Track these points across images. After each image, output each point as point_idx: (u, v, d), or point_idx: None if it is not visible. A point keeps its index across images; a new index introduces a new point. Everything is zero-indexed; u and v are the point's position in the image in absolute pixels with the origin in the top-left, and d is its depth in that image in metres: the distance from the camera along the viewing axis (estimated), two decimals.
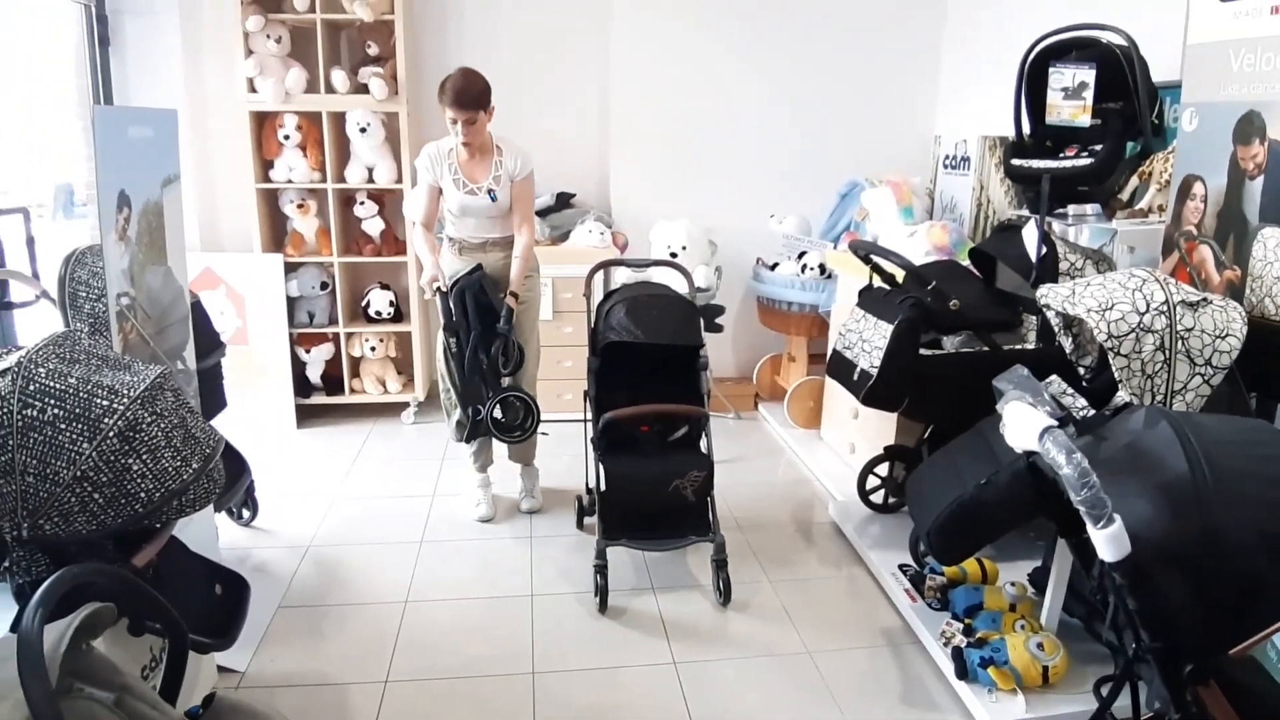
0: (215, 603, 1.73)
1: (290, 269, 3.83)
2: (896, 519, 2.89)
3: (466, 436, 2.90)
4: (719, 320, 3.77)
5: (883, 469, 2.94)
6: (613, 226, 4.03)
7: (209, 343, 2.52)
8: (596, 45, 4.04)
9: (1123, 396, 1.93)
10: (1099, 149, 2.65)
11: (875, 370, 2.46)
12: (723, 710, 2.07)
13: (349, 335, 3.94)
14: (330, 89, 3.66)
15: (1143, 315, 1.90)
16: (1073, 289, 2.04)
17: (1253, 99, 2.08)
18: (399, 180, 3.78)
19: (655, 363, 2.64)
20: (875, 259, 2.72)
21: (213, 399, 2.52)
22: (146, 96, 3.67)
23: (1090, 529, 1.34)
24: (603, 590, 2.45)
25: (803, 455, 3.61)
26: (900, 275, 2.64)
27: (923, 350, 2.52)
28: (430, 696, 2.10)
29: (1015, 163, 2.89)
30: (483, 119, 2.69)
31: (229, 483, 2.07)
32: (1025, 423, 1.50)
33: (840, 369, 2.65)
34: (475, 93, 2.64)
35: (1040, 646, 1.99)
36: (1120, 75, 2.57)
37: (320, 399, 3.98)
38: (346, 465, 3.50)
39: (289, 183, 3.75)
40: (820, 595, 2.58)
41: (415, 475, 3.40)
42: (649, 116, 4.05)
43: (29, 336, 2.20)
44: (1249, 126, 2.10)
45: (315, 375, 3.99)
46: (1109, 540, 1.33)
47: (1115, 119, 2.64)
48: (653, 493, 2.51)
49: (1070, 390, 1.92)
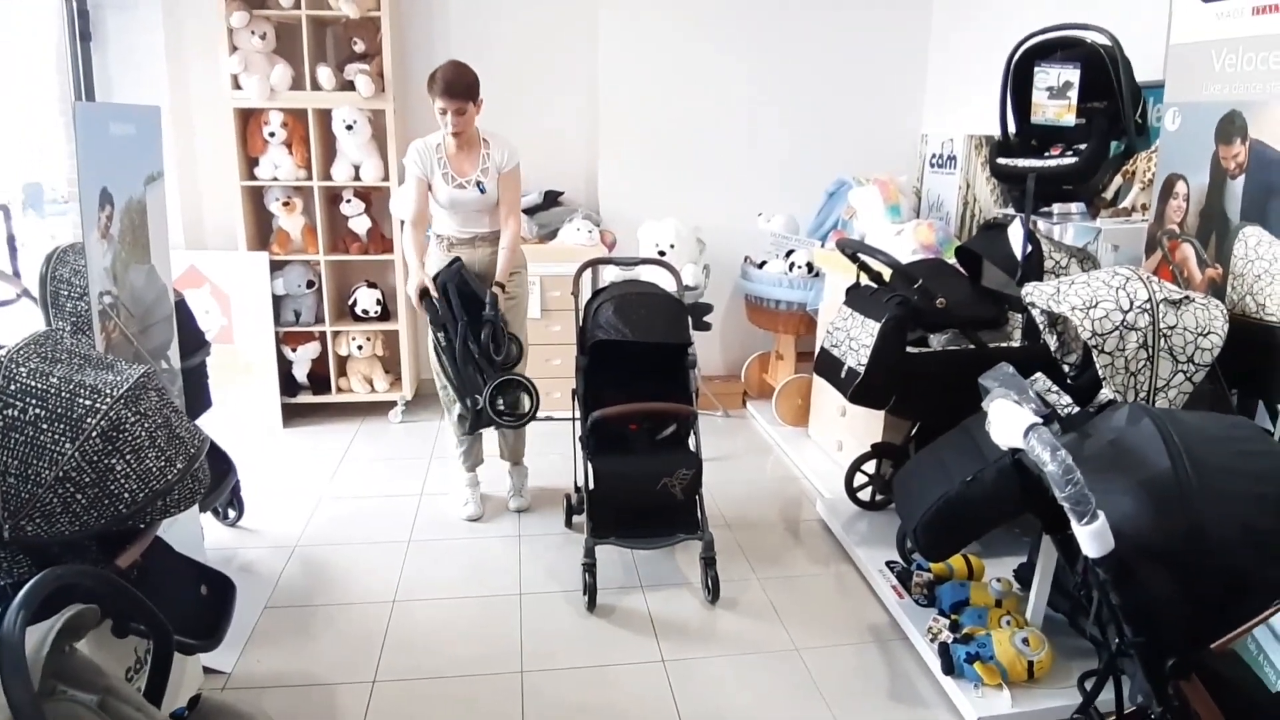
0: (201, 603, 1.71)
1: (276, 267, 3.80)
2: (884, 516, 2.90)
3: (470, 428, 2.87)
4: (707, 318, 3.78)
5: (870, 466, 2.96)
6: (601, 225, 4.02)
7: (193, 341, 2.50)
8: (585, 43, 4.03)
9: (1106, 394, 1.95)
10: (1083, 148, 2.67)
11: (862, 368, 2.48)
12: (711, 707, 2.07)
13: (335, 334, 3.92)
14: (316, 86, 3.63)
15: (1126, 313, 1.92)
16: (1057, 287, 2.05)
17: (1234, 99, 2.10)
18: (386, 178, 3.76)
19: (643, 361, 2.64)
20: (862, 257, 2.73)
21: (198, 398, 2.50)
22: (129, 93, 3.63)
23: (1074, 525, 1.36)
24: (591, 589, 2.45)
25: (791, 453, 3.63)
26: (887, 273, 2.65)
27: (909, 348, 2.54)
28: (418, 696, 2.09)
29: (1001, 161, 2.91)
30: (472, 110, 2.70)
31: (214, 483, 2.05)
32: (1010, 420, 1.51)
33: (828, 367, 2.67)
34: (466, 83, 2.65)
35: (1025, 642, 2.01)
36: (1104, 75, 2.59)
37: (307, 398, 3.96)
38: (333, 465, 3.48)
39: (274, 180, 3.72)
40: (808, 592, 2.59)
41: (403, 474, 3.38)
42: (637, 115, 4.05)
43: (10, 336, 2.17)
44: (1230, 126, 2.12)
45: (301, 374, 3.96)
46: (1092, 536, 1.34)
47: (1099, 118, 2.67)
48: (641, 491, 2.51)
49: (1055, 388, 1.94)
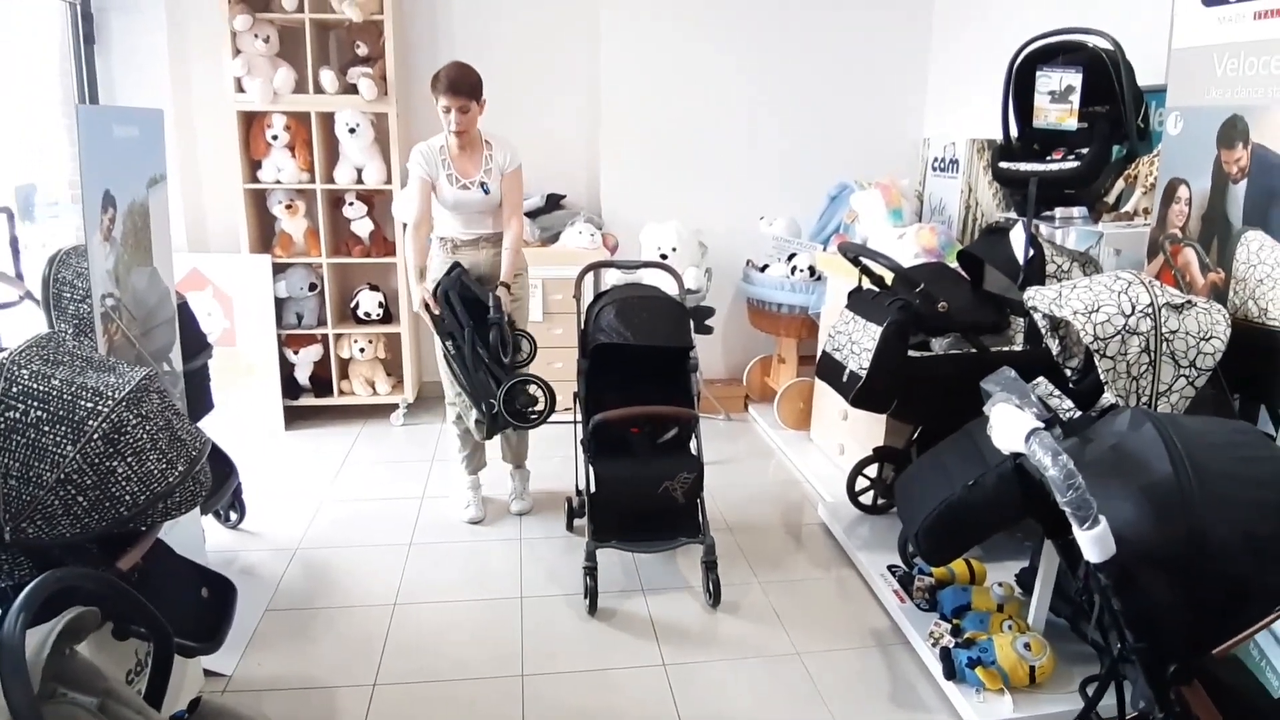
0: (201, 606, 1.71)
1: (278, 270, 3.81)
2: (885, 520, 2.90)
3: (488, 433, 2.85)
4: (709, 322, 3.78)
5: (872, 470, 2.95)
6: (603, 228, 4.02)
7: (196, 344, 2.50)
8: (586, 46, 4.04)
9: (1109, 398, 1.94)
10: (1085, 152, 2.68)
11: (864, 372, 2.47)
12: (712, 711, 2.07)
13: (338, 336, 3.92)
14: (319, 89, 3.64)
15: (1128, 317, 1.92)
16: (1059, 291, 2.05)
17: (1236, 103, 2.10)
18: (388, 181, 3.76)
19: (645, 364, 2.64)
20: (864, 261, 2.73)
21: (199, 401, 2.50)
22: (132, 95, 3.64)
23: (1076, 530, 1.35)
24: (592, 592, 2.44)
25: (792, 456, 3.62)
26: (889, 277, 2.65)
27: (911, 352, 2.53)
28: (419, 699, 2.09)
29: (1003, 165, 2.91)
30: (475, 110, 2.71)
31: (216, 485, 2.05)
32: (1012, 424, 1.51)
33: (829, 370, 2.66)
34: (469, 82, 2.67)
35: (1027, 646, 2.00)
36: (1106, 79, 2.59)
37: (309, 400, 3.96)
38: (335, 467, 3.48)
39: (277, 183, 3.73)
40: (810, 596, 2.59)
41: (404, 477, 3.38)
42: (639, 118, 4.05)
43: (12, 338, 2.18)
44: (1232, 130, 2.12)
45: (303, 377, 3.97)
46: (1094, 541, 1.34)
47: (1101, 122, 2.67)
48: (643, 494, 2.51)
49: (1057, 392, 1.94)
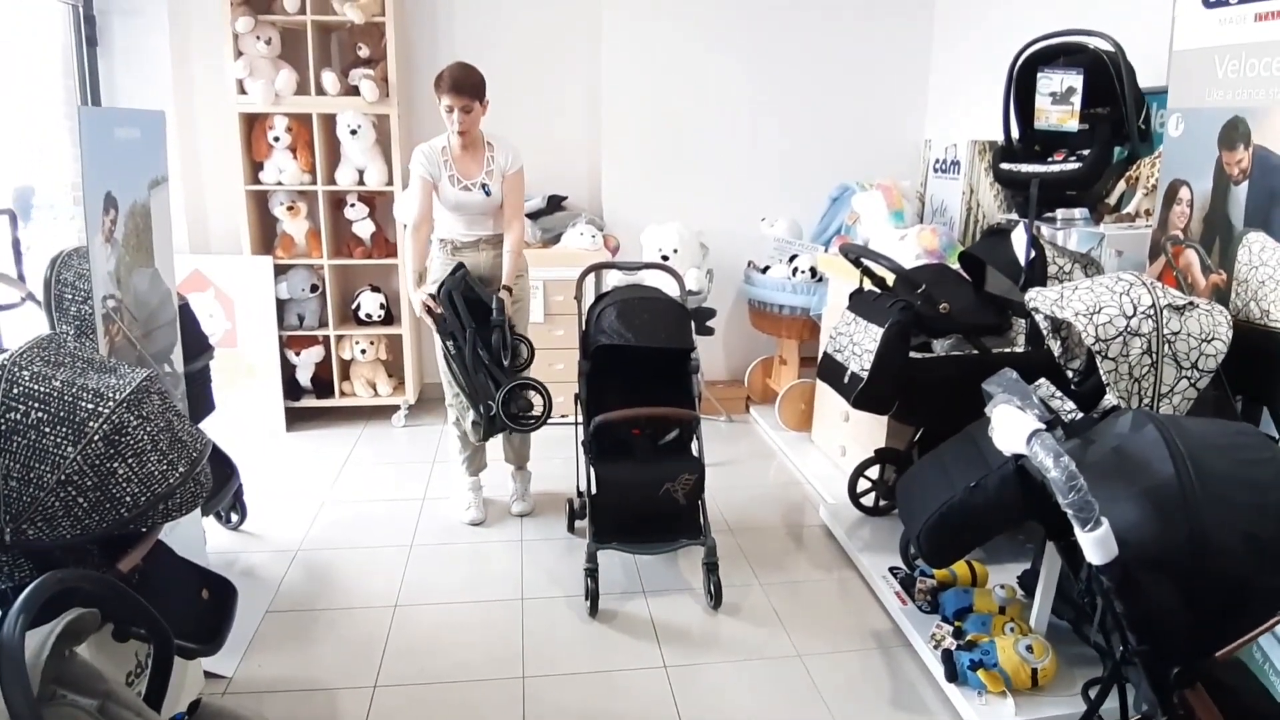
0: (202, 607, 1.71)
1: (280, 271, 3.81)
2: (887, 522, 2.89)
3: (484, 435, 2.85)
4: (710, 323, 3.78)
5: (873, 472, 2.95)
6: (604, 229, 4.02)
7: (197, 345, 2.50)
8: (588, 48, 4.04)
9: (1110, 400, 1.94)
10: (1087, 154, 2.67)
11: (866, 373, 2.47)
12: (714, 713, 2.06)
13: (339, 338, 3.92)
14: (320, 91, 3.65)
15: (1130, 319, 1.91)
16: (1061, 293, 2.05)
17: (1237, 105, 2.09)
18: (390, 182, 3.77)
19: (646, 366, 2.64)
20: (866, 262, 2.73)
21: (201, 402, 2.50)
22: (135, 97, 3.65)
23: (1077, 532, 1.35)
24: (593, 594, 2.44)
25: (793, 458, 3.62)
26: (890, 279, 2.65)
27: (913, 353, 2.53)
28: (419, 701, 2.09)
29: (1004, 167, 2.91)
30: (478, 110, 2.72)
31: (216, 486, 2.06)
32: (1014, 426, 1.51)
33: (831, 372, 2.66)
34: (473, 82, 2.68)
35: (1029, 649, 2.00)
36: (1107, 81, 2.59)
37: (310, 402, 3.96)
38: (336, 469, 3.48)
39: (279, 185, 3.74)
40: (811, 598, 2.58)
41: (405, 479, 3.38)
42: (641, 120, 4.06)
43: (14, 339, 2.18)
44: (1234, 132, 2.11)
45: (305, 378, 3.97)
46: (1096, 543, 1.33)
47: (1103, 124, 2.67)
48: (644, 496, 2.51)
49: (1058, 393, 1.93)
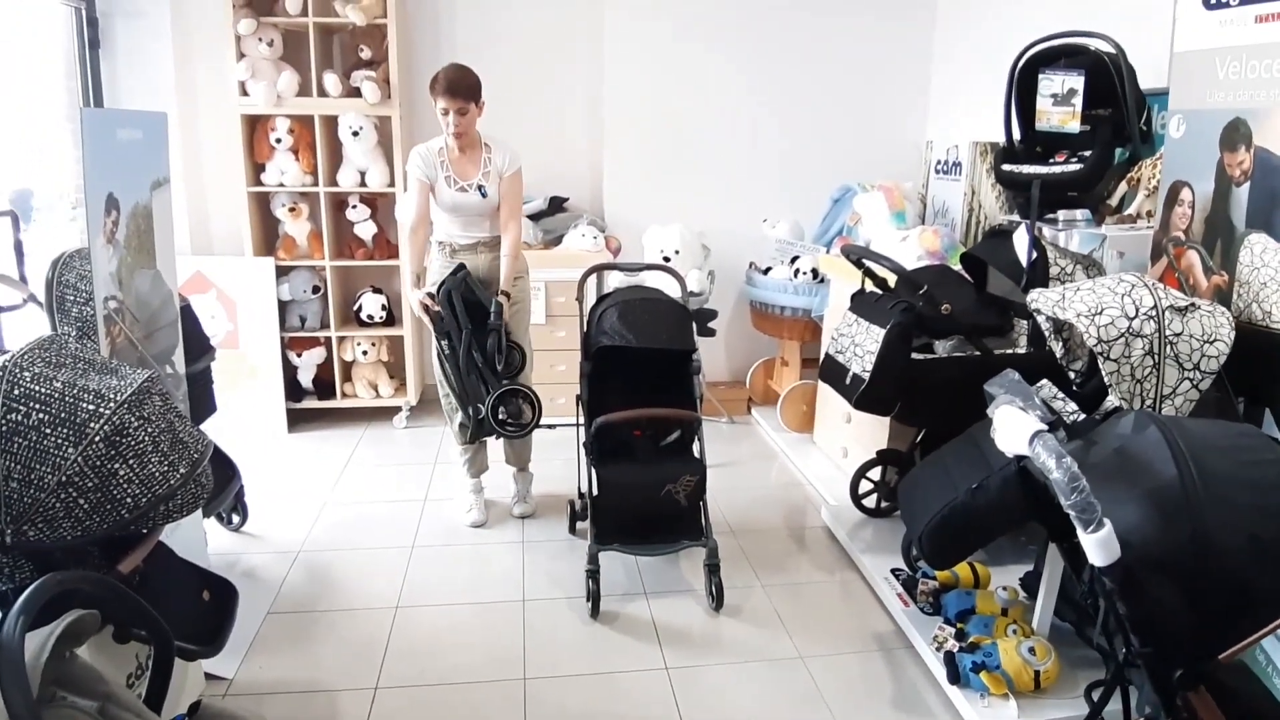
0: (203, 609, 1.71)
1: (282, 273, 3.81)
2: (889, 523, 2.89)
3: (470, 437, 2.86)
4: (712, 324, 3.78)
5: (875, 473, 2.94)
6: (606, 230, 4.02)
7: (199, 347, 2.51)
8: (590, 50, 4.05)
9: (1112, 401, 1.93)
10: (1088, 155, 2.67)
11: (867, 374, 2.47)
12: (715, 715, 2.06)
13: (341, 339, 3.93)
14: (322, 92, 3.65)
15: (1132, 320, 1.91)
16: (1063, 294, 2.04)
17: (1239, 106, 2.09)
18: (391, 184, 3.77)
19: (648, 367, 2.63)
20: (868, 263, 2.73)
21: (202, 403, 2.50)
22: (137, 99, 3.65)
23: (1080, 534, 1.35)
24: (595, 595, 2.44)
25: (795, 459, 3.61)
26: (892, 280, 2.64)
27: (914, 355, 2.53)
28: (421, 703, 2.09)
29: (1006, 168, 2.91)
30: (474, 111, 2.72)
31: (218, 488, 2.06)
32: (1016, 427, 1.51)
33: (832, 373, 2.66)
34: (468, 84, 2.68)
35: (1032, 651, 1.99)
36: (1109, 82, 2.59)
37: (311, 403, 3.96)
38: (337, 470, 3.48)
39: (281, 186, 3.74)
40: (813, 600, 2.58)
41: (407, 480, 3.38)
42: (642, 121, 4.06)
43: (16, 341, 2.19)
44: (1235, 133, 2.11)
45: (306, 379, 3.97)
46: (1098, 545, 1.33)
47: (1104, 125, 2.66)
48: (645, 497, 2.51)
49: (1060, 394, 1.93)
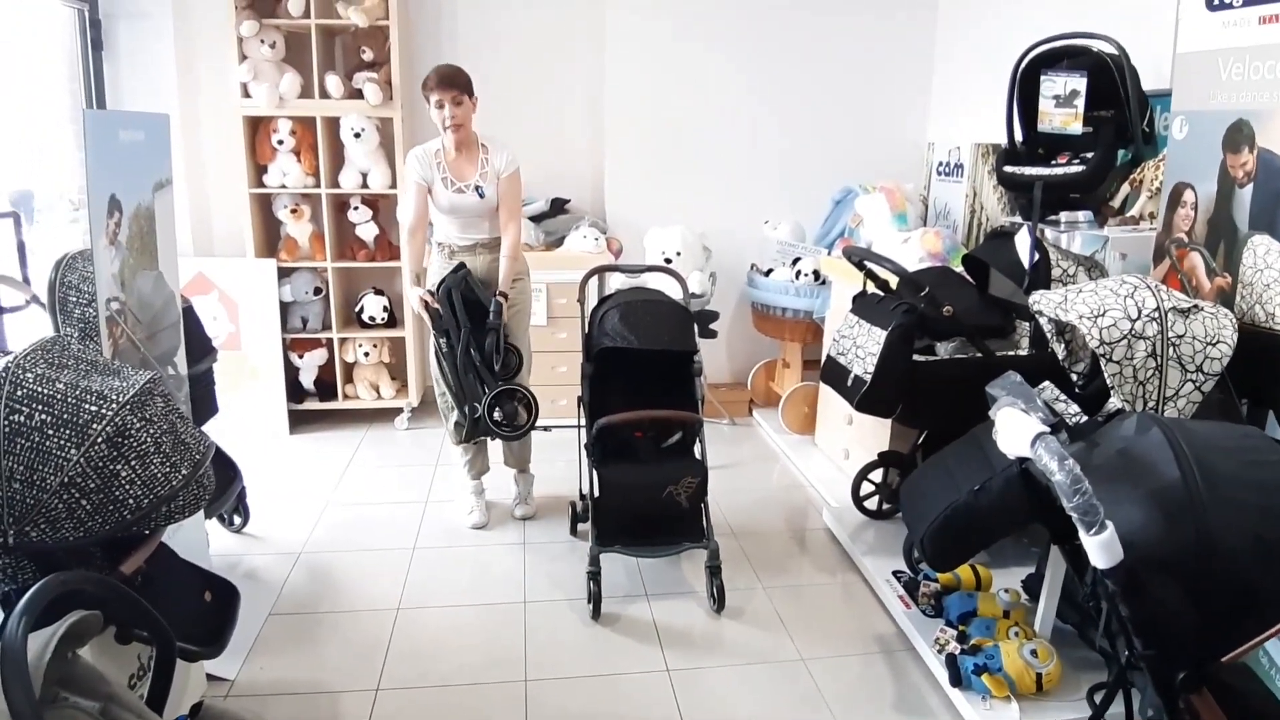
0: (204, 610, 1.71)
1: (284, 274, 3.82)
2: (890, 525, 2.89)
3: (465, 436, 2.86)
4: (713, 326, 3.77)
5: (877, 475, 2.94)
6: (607, 232, 4.03)
7: (201, 348, 2.51)
8: (591, 51, 4.05)
9: (1115, 403, 1.93)
10: (1091, 156, 2.67)
11: (869, 376, 2.46)
12: (716, 717, 2.06)
13: (342, 340, 3.93)
14: (324, 94, 3.66)
15: (1134, 322, 1.91)
16: (1065, 295, 2.04)
17: (1241, 107, 2.09)
18: (393, 185, 3.77)
19: (649, 368, 2.63)
20: (869, 265, 2.72)
21: (204, 405, 2.51)
22: (140, 101, 3.66)
23: (1083, 536, 1.34)
24: (596, 597, 2.44)
25: (797, 461, 3.61)
26: (894, 281, 2.64)
27: (916, 356, 2.53)
28: (421, 705, 2.08)
29: (1008, 170, 2.90)
30: (468, 104, 2.73)
31: (219, 489, 2.05)
32: (1018, 429, 1.50)
33: (834, 375, 2.66)
34: (460, 77, 2.70)
35: (1034, 653, 1.99)
36: (1111, 83, 2.59)
37: (313, 404, 3.97)
38: (339, 471, 3.48)
39: (282, 188, 3.75)
40: (814, 602, 2.58)
41: (408, 482, 3.38)
42: (644, 122, 4.06)
43: (19, 342, 2.19)
44: (1238, 135, 2.11)
45: (308, 381, 3.97)
46: (1101, 547, 1.33)
47: (1106, 127, 2.66)
48: (647, 499, 2.50)
49: (1063, 396, 1.93)
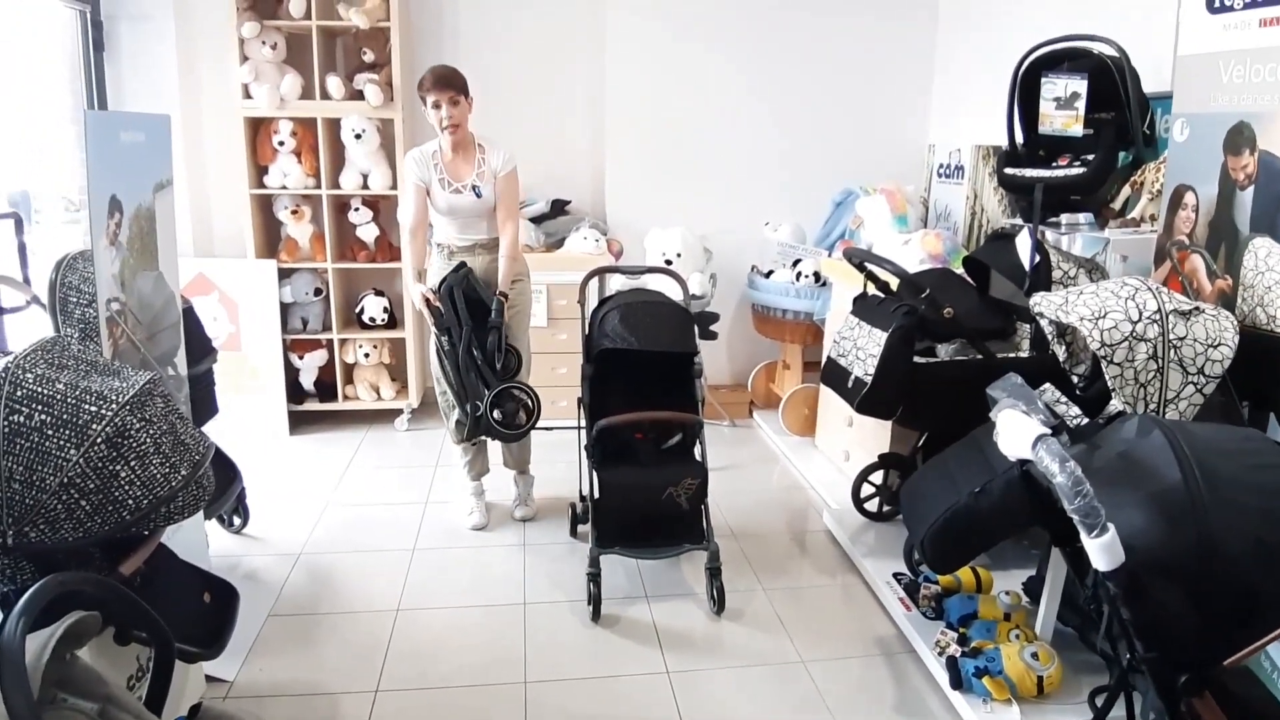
0: (204, 611, 1.71)
1: (284, 275, 3.82)
2: (891, 527, 2.88)
3: (467, 435, 2.86)
4: (714, 327, 3.77)
5: (877, 477, 2.94)
6: (608, 233, 4.03)
7: (201, 349, 2.51)
8: (592, 53, 4.05)
9: (1116, 405, 1.93)
10: (1091, 158, 2.67)
11: (869, 378, 2.46)
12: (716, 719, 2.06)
13: (343, 341, 3.93)
14: (325, 95, 3.66)
15: (1135, 324, 1.90)
16: (1066, 297, 2.04)
17: (1242, 110, 2.09)
18: (393, 186, 3.77)
19: (650, 370, 2.63)
20: (870, 267, 2.72)
21: (204, 405, 2.51)
22: (142, 102, 3.66)
23: (1084, 538, 1.34)
24: (596, 599, 2.43)
25: (797, 463, 3.61)
26: (895, 283, 2.64)
27: (917, 358, 2.52)
28: (421, 706, 2.08)
29: (1008, 172, 2.90)
30: (464, 104, 2.74)
31: (219, 490, 2.05)
32: (1019, 431, 1.50)
33: (835, 376, 2.65)
34: (456, 78, 2.71)
35: (1035, 656, 1.98)
36: (1112, 86, 2.59)
37: (313, 405, 3.97)
38: (339, 472, 3.48)
39: (283, 188, 3.75)
40: (815, 604, 2.57)
41: (408, 483, 3.38)
42: (644, 124, 4.06)
43: (20, 342, 2.19)
44: (1239, 137, 2.11)
45: (308, 381, 3.97)
46: (1103, 549, 1.32)
47: (1107, 129, 2.66)
48: (647, 500, 2.50)
49: (1063, 398, 1.93)
